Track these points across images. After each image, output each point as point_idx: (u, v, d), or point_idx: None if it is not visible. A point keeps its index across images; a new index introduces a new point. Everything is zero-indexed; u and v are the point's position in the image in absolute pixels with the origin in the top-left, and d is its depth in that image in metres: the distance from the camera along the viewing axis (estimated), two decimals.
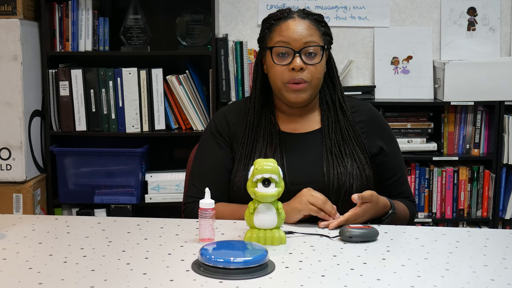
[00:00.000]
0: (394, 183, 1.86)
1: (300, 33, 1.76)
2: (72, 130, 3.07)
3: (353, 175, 1.75)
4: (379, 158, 1.84)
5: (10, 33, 2.84)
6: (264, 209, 1.49)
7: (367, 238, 1.53)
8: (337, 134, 1.81)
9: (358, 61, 3.27)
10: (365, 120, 1.86)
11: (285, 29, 1.77)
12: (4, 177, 2.91)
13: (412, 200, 1.90)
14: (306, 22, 1.78)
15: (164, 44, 3.19)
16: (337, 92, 1.86)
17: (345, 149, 1.79)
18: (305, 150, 1.80)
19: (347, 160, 1.77)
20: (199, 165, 1.86)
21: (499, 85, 3.08)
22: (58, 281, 1.27)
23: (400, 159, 1.90)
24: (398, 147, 1.91)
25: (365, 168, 1.78)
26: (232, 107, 1.93)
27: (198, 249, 1.37)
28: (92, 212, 3.09)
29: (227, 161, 1.82)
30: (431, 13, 3.31)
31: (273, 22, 1.80)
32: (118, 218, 1.74)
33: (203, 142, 1.89)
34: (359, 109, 1.87)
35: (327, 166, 1.76)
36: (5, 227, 1.62)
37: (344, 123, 1.82)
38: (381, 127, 1.87)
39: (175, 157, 3.33)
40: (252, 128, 1.82)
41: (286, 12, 1.81)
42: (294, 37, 1.75)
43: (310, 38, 1.76)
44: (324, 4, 3.25)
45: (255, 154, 1.79)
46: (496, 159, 3.12)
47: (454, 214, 3.20)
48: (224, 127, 1.86)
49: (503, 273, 1.34)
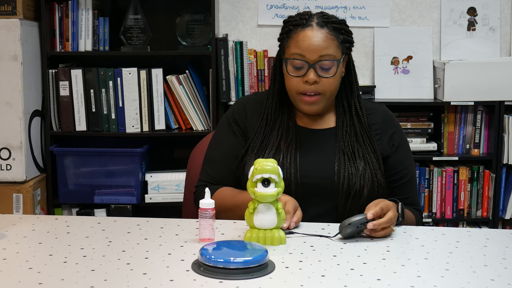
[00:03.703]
0: (402, 186, 1.85)
1: (317, 45, 1.73)
2: (72, 130, 3.07)
3: (365, 177, 1.75)
4: (390, 159, 1.83)
5: (10, 33, 2.84)
6: (264, 209, 1.49)
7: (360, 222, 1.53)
8: (351, 136, 1.81)
9: (358, 61, 3.26)
10: (379, 122, 1.86)
11: (301, 40, 1.74)
12: (4, 177, 2.91)
13: (418, 209, 1.88)
14: (324, 32, 1.75)
15: (164, 44, 3.19)
16: (354, 97, 1.85)
17: (358, 151, 1.79)
18: (319, 147, 1.81)
19: (359, 162, 1.77)
20: (213, 151, 1.89)
21: (499, 85, 3.08)
22: (58, 281, 1.27)
23: (411, 164, 1.89)
24: (410, 152, 1.90)
25: (377, 173, 1.77)
26: (253, 97, 1.94)
27: (198, 249, 1.37)
28: (92, 212, 3.09)
29: (239, 149, 1.84)
30: (431, 13, 3.31)
31: (292, 28, 1.77)
32: (118, 218, 1.74)
33: (220, 129, 1.91)
34: (374, 111, 1.88)
35: (338, 165, 1.76)
36: (5, 227, 1.62)
37: (359, 128, 1.82)
38: (395, 129, 1.87)
39: (175, 157, 3.33)
40: (267, 122, 1.83)
41: (306, 18, 1.77)
42: (309, 49, 1.73)
43: (326, 51, 1.74)
44: (324, 4, 3.25)
45: (268, 147, 1.80)
46: (496, 159, 3.12)
47: (454, 214, 3.20)
48: (242, 116, 1.87)
49: (503, 273, 1.34)
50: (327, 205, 1.73)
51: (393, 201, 1.66)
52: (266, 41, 3.29)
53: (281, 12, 3.28)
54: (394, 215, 1.59)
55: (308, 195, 1.73)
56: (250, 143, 1.82)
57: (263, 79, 3.16)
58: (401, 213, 1.65)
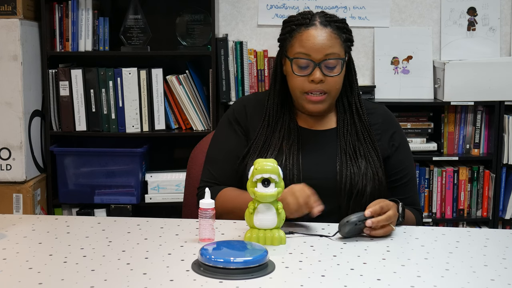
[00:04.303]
0: (402, 186, 1.85)
1: (322, 44, 1.73)
2: (72, 130, 3.07)
3: (367, 176, 1.75)
4: (391, 160, 1.84)
5: (10, 33, 2.84)
6: (264, 209, 1.49)
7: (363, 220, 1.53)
8: (352, 136, 1.82)
9: (358, 61, 3.26)
10: (380, 122, 1.86)
11: (305, 39, 1.74)
12: (4, 177, 2.91)
13: (418, 209, 1.88)
14: (327, 31, 1.75)
15: (164, 44, 3.19)
16: (354, 95, 1.85)
17: (359, 150, 1.79)
18: (321, 147, 1.81)
19: (361, 161, 1.77)
20: (214, 151, 1.89)
21: (499, 85, 3.08)
22: (58, 281, 1.27)
23: (411, 164, 1.89)
24: (410, 152, 1.91)
25: (378, 171, 1.78)
26: (252, 97, 1.94)
27: (198, 249, 1.37)
28: (92, 212, 3.09)
29: (241, 149, 1.84)
30: (431, 13, 3.31)
31: (294, 28, 1.77)
32: (118, 218, 1.74)
33: (220, 129, 1.91)
34: (374, 111, 1.88)
35: (340, 165, 1.77)
36: (5, 227, 1.62)
37: (360, 126, 1.82)
38: (395, 130, 1.88)
39: (175, 157, 3.33)
40: (269, 124, 1.83)
41: (308, 17, 1.77)
42: (315, 48, 1.73)
43: (331, 50, 1.74)
44: (324, 4, 3.25)
45: (270, 148, 1.80)
46: (496, 159, 3.12)
47: (454, 214, 3.20)
48: (242, 115, 1.87)
49: (503, 273, 1.34)
50: (330, 205, 1.73)
51: (393, 201, 1.66)
52: (266, 41, 3.29)
53: (281, 12, 3.28)
54: (394, 214, 1.59)
55: None
56: (252, 144, 1.82)
57: (263, 79, 3.16)
58: (401, 213, 1.65)
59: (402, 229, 1.66)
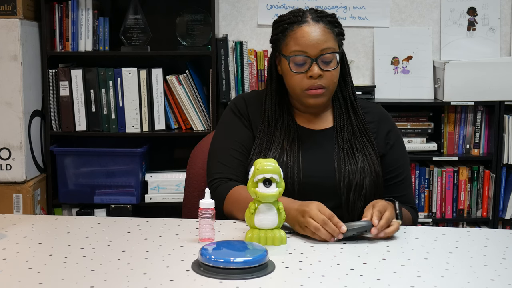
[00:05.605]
0: (397, 184, 1.86)
1: (317, 40, 1.75)
2: (72, 130, 3.07)
3: (364, 170, 1.77)
4: (386, 158, 1.85)
5: (10, 33, 2.84)
6: (264, 209, 1.49)
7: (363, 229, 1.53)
8: (348, 131, 1.83)
9: (358, 61, 3.27)
10: (376, 121, 1.88)
11: (300, 36, 1.75)
12: (4, 177, 2.91)
13: (414, 207, 1.90)
14: (320, 26, 1.76)
15: (164, 44, 3.19)
16: (348, 90, 1.87)
17: (356, 145, 1.81)
18: (319, 146, 1.82)
19: (358, 155, 1.79)
20: (222, 142, 1.86)
21: (499, 85, 3.08)
22: (58, 281, 1.27)
23: (406, 163, 1.90)
24: (405, 151, 1.92)
25: (374, 164, 1.80)
26: (252, 94, 1.95)
27: (198, 249, 1.37)
28: (92, 212, 3.09)
29: (248, 140, 1.84)
30: (431, 13, 3.31)
31: (287, 26, 1.78)
32: (118, 218, 1.74)
33: (225, 122, 1.89)
34: (370, 110, 1.90)
35: (338, 163, 1.78)
36: (5, 227, 1.62)
37: (355, 121, 1.84)
38: (391, 128, 1.89)
39: (175, 157, 3.33)
40: (269, 123, 1.83)
41: (299, 15, 1.78)
42: (310, 45, 1.74)
43: (326, 45, 1.75)
44: (324, 4, 3.25)
45: (273, 147, 1.80)
46: (496, 159, 3.12)
47: (454, 214, 3.20)
48: (244, 110, 1.87)
49: (503, 273, 1.34)
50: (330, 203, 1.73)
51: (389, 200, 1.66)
52: (266, 41, 3.29)
53: (281, 12, 3.27)
54: (391, 215, 1.59)
55: (311, 194, 1.73)
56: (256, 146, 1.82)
57: (263, 79, 3.16)
58: (399, 212, 1.66)
59: (402, 229, 1.66)
